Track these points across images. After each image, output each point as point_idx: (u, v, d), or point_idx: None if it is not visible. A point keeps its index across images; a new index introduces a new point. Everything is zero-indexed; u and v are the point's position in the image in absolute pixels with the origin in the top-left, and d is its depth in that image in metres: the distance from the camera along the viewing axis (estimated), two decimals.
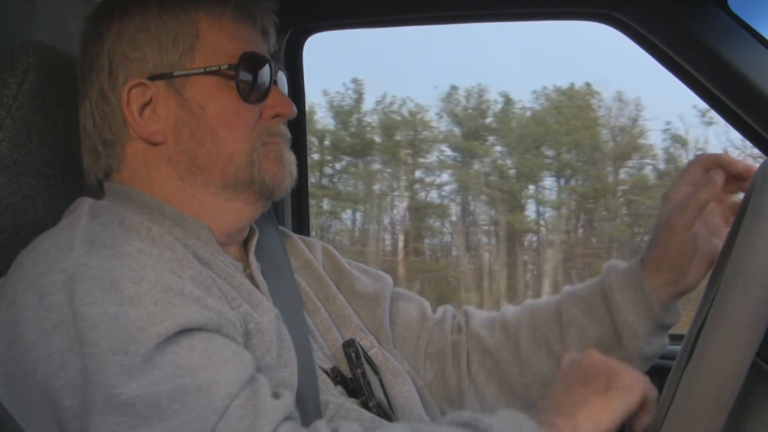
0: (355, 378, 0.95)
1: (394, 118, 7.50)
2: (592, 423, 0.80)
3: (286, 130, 0.99)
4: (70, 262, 0.76)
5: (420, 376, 1.10)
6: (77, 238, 0.79)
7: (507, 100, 7.41)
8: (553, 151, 7.32)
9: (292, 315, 0.97)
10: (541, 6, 1.37)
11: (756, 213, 0.74)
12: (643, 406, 0.84)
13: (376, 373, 1.00)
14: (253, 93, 0.94)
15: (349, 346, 0.99)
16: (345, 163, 7.43)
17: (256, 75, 0.94)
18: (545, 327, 1.06)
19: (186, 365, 0.74)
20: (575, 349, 1.03)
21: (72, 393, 0.72)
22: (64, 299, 0.74)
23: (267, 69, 0.95)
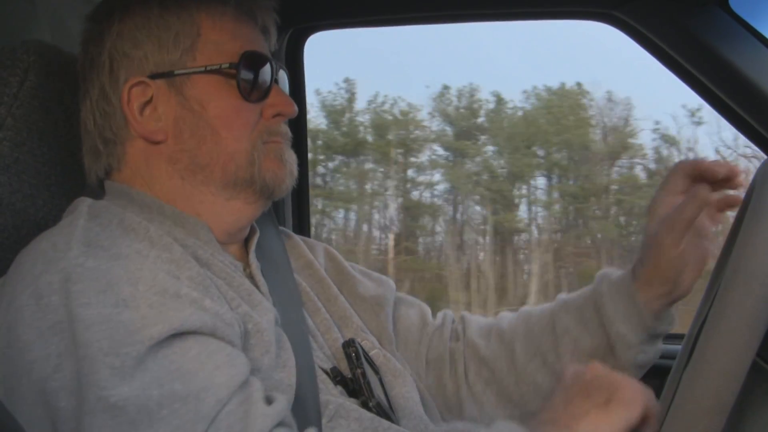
0: (355, 378, 0.95)
1: (386, 118, 7.51)
2: None
3: (286, 130, 0.99)
4: (67, 262, 0.76)
5: (420, 381, 1.10)
6: (75, 239, 0.79)
7: (499, 99, 7.43)
8: (544, 151, 7.33)
9: (292, 315, 0.97)
10: (541, 5, 1.37)
11: (756, 213, 0.74)
12: (644, 420, 0.83)
13: (377, 373, 1.00)
14: (253, 92, 0.94)
15: (349, 345, 0.98)
16: (337, 162, 7.45)
17: (257, 74, 0.94)
18: (539, 337, 1.07)
19: (177, 370, 0.74)
20: (569, 359, 1.03)
21: (67, 395, 0.72)
22: (61, 300, 0.74)
23: (268, 68, 0.95)
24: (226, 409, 0.74)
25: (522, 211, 7.48)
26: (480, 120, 7.52)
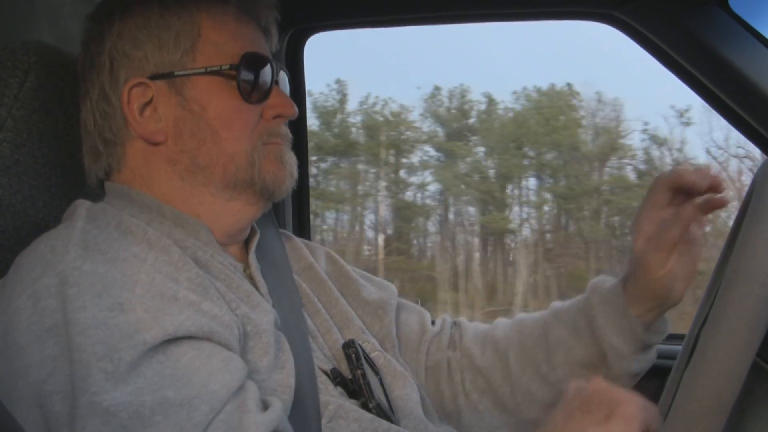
0: (355, 379, 0.95)
1: (377, 119, 7.53)
2: None
3: (287, 131, 0.99)
4: (64, 266, 0.76)
5: (421, 386, 1.10)
6: (73, 242, 0.79)
7: (490, 100, 7.44)
8: (534, 152, 7.35)
9: (292, 316, 0.96)
10: (541, 6, 1.37)
11: (756, 213, 0.74)
12: None
13: (377, 374, 1.00)
14: (254, 93, 0.94)
15: (349, 347, 0.98)
16: (329, 163, 7.46)
17: (257, 75, 0.94)
18: (533, 347, 1.07)
19: (171, 376, 0.73)
20: (562, 369, 1.03)
21: (62, 399, 0.72)
22: (57, 304, 0.74)
23: (268, 69, 0.95)
24: (219, 417, 0.73)
25: (512, 211, 7.51)
26: (471, 121, 7.54)
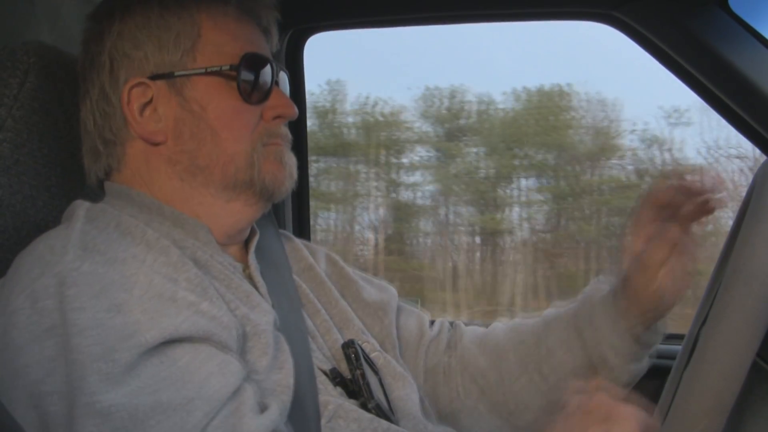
0: (354, 379, 0.95)
1: (371, 119, 7.54)
2: None
3: (287, 132, 0.99)
4: (63, 266, 0.76)
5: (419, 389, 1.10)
6: (72, 243, 0.79)
7: (485, 101, 7.46)
8: (529, 152, 7.37)
9: (291, 316, 0.96)
10: (541, 6, 1.37)
11: (756, 213, 0.74)
12: None
13: (376, 374, 1.00)
14: (254, 94, 0.94)
15: (348, 347, 0.98)
16: (324, 163, 7.47)
17: (257, 76, 0.94)
18: (528, 354, 1.07)
19: (168, 378, 0.73)
20: (556, 376, 1.03)
21: (59, 399, 0.72)
22: (55, 304, 0.74)
23: (268, 70, 0.95)
24: (214, 422, 0.73)
25: (506, 211, 7.52)
26: (466, 121, 7.55)
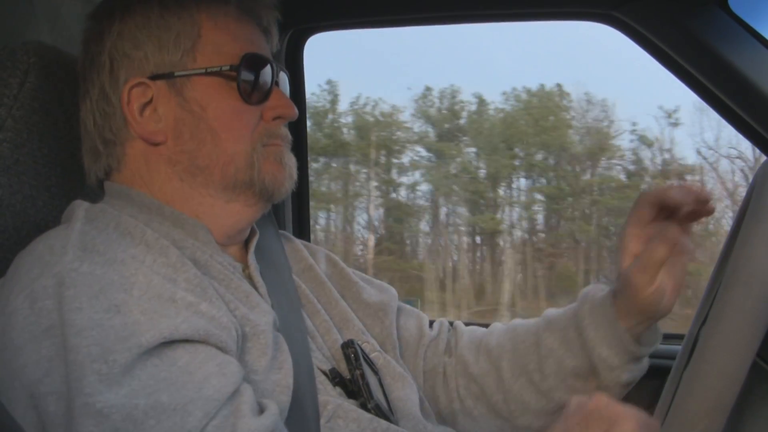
0: (353, 379, 0.95)
1: (367, 119, 7.55)
2: None
3: (286, 132, 0.99)
4: (62, 267, 0.76)
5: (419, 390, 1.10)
6: (71, 243, 0.79)
7: (480, 101, 7.46)
8: (524, 152, 7.37)
9: (291, 316, 0.96)
10: (541, 6, 1.37)
11: (756, 213, 0.74)
12: None
13: (376, 374, 1.00)
14: (254, 94, 0.94)
15: (347, 347, 0.98)
16: (320, 164, 7.47)
17: (257, 76, 0.94)
18: (525, 356, 1.07)
19: (166, 379, 0.73)
20: (554, 378, 1.03)
21: (57, 400, 0.72)
22: (54, 305, 0.74)
23: (268, 70, 0.95)
24: (212, 423, 0.73)
25: (501, 211, 7.54)
26: (462, 122, 7.56)
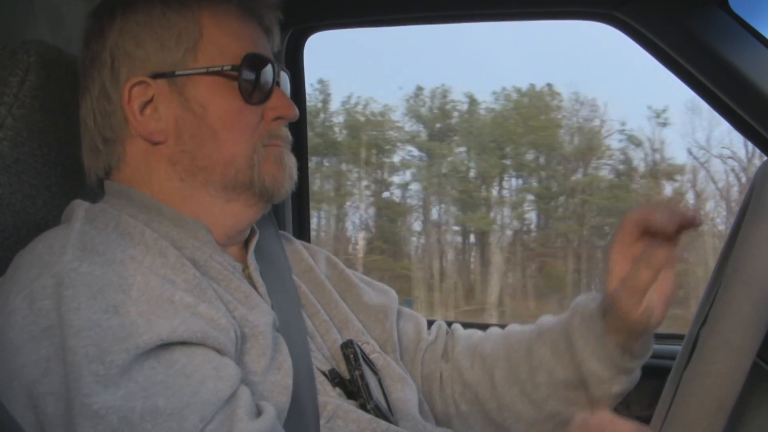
0: (353, 379, 0.95)
1: (359, 119, 7.56)
2: None
3: (287, 133, 0.98)
4: (61, 267, 0.76)
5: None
6: (70, 243, 0.79)
7: (471, 100, 7.48)
8: (514, 152, 7.39)
9: (290, 316, 0.96)
10: (541, 6, 1.37)
11: (756, 213, 0.74)
12: None
13: (376, 374, 1.00)
14: (255, 94, 0.93)
15: (347, 347, 0.98)
16: (312, 163, 7.48)
17: (258, 76, 0.93)
18: (517, 365, 1.06)
19: (162, 382, 0.73)
20: (546, 388, 1.03)
21: (55, 400, 0.72)
22: (52, 305, 0.74)
23: (270, 70, 0.95)
24: (209, 427, 0.73)
25: (491, 211, 7.55)
26: (453, 121, 7.57)
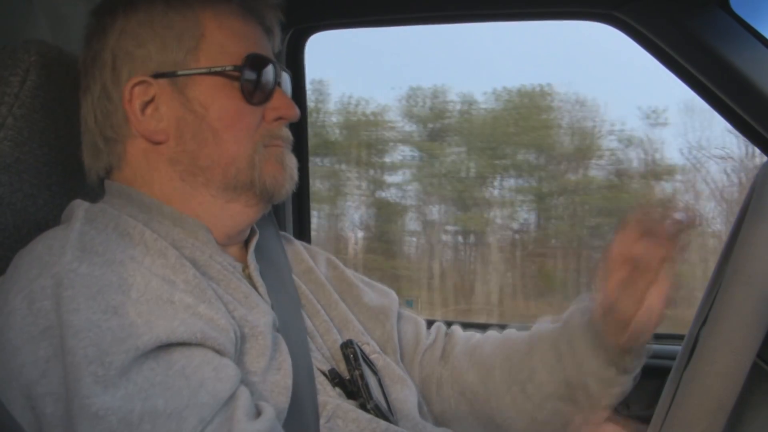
0: (353, 379, 0.95)
1: (354, 119, 7.58)
2: None
3: (288, 133, 0.98)
4: (60, 267, 0.76)
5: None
6: (70, 243, 0.79)
7: (467, 101, 7.49)
8: (510, 152, 7.40)
9: (290, 316, 0.96)
10: (541, 6, 1.38)
11: (756, 214, 0.74)
12: None
13: (375, 374, 1.00)
14: (256, 94, 0.93)
15: (347, 347, 0.98)
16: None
17: (259, 76, 0.93)
18: (513, 372, 1.07)
19: (161, 384, 0.73)
20: (545, 390, 1.03)
21: (54, 401, 0.72)
22: (51, 305, 0.74)
23: (271, 70, 0.95)
24: (208, 429, 0.73)
25: (487, 211, 7.56)
26: (448, 121, 7.59)
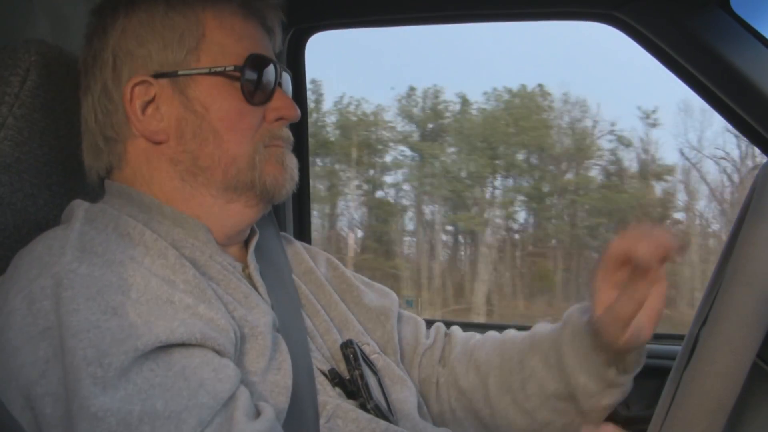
0: (353, 379, 0.95)
1: (351, 119, 7.59)
2: None
3: (288, 134, 0.98)
4: (60, 267, 0.76)
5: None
6: (70, 244, 0.79)
7: (463, 101, 7.50)
8: (506, 152, 7.41)
9: (290, 316, 0.96)
10: (541, 6, 1.37)
11: (756, 214, 0.74)
12: None
13: (375, 374, 1.00)
14: (257, 95, 0.93)
15: (347, 347, 0.98)
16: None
17: (260, 76, 0.93)
18: (510, 374, 1.07)
19: (161, 385, 0.73)
20: (537, 398, 1.03)
21: (53, 401, 0.71)
22: (51, 306, 0.74)
23: (272, 70, 0.95)
24: (208, 429, 0.73)
25: (482, 211, 7.57)
26: (444, 121, 7.60)
